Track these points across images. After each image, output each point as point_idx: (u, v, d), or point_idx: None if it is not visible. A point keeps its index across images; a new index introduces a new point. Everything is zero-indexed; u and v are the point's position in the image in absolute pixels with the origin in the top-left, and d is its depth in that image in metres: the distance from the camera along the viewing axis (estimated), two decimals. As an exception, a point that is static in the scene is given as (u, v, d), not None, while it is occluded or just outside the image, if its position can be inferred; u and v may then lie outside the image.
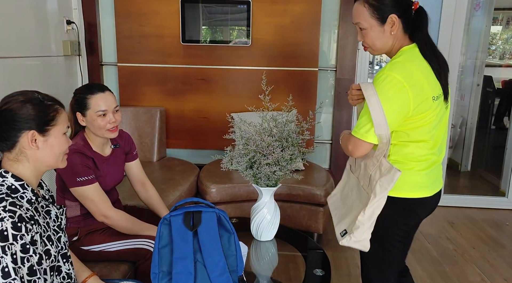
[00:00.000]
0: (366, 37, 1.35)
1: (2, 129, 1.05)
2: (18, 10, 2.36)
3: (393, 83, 1.22)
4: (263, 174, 1.73)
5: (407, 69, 1.25)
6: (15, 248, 0.95)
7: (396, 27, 1.30)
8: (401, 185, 1.33)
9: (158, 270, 1.18)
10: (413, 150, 1.33)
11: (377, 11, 1.30)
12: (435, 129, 1.34)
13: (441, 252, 2.64)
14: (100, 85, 1.69)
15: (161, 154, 3.08)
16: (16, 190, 1.04)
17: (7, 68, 2.25)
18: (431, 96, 1.28)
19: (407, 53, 1.31)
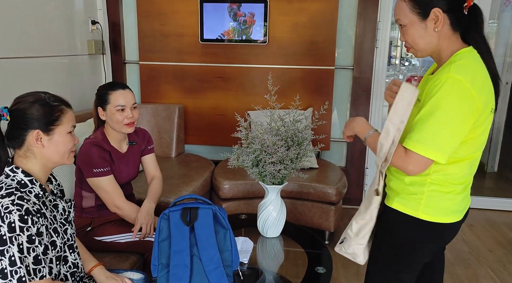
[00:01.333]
0: (407, 35, 1.20)
1: (12, 128, 1.14)
2: (46, 12, 2.50)
3: (460, 88, 1.07)
4: (268, 172, 1.78)
5: (474, 74, 1.10)
6: (21, 238, 1.03)
7: (440, 23, 1.14)
8: (437, 210, 1.20)
9: (157, 262, 1.25)
10: (456, 170, 1.18)
11: (418, 4, 1.16)
12: (482, 147, 1.21)
13: (456, 254, 2.60)
14: (122, 83, 1.81)
15: (179, 149, 3.17)
16: (25, 184, 1.12)
17: (36, 67, 2.40)
18: (490, 108, 1.15)
19: (467, 55, 1.15)
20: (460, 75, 1.07)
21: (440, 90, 1.07)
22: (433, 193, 1.20)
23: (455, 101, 1.07)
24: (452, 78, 1.07)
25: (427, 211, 1.20)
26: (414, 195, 1.21)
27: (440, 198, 1.19)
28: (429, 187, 1.20)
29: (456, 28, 1.16)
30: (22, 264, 1.03)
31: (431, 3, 1.14)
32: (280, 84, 3.03)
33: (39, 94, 1.17)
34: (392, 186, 1.28)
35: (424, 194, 1.20)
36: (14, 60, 2.25)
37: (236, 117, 1.93)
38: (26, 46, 2.34)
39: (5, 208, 1.03)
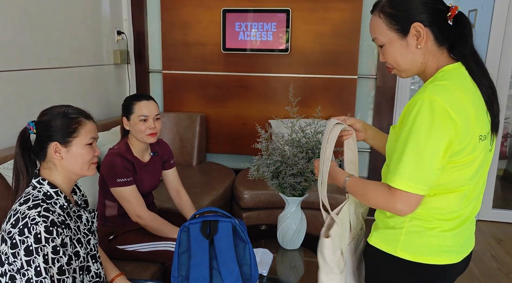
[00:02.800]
0: (387, 54, 1.07)
1: (36, 140, 1.18)
2: (76, 24, 2.59)
3: (435, 109, 0.93)
4: (288, 184, 1.76)
5: (453, 96, 0.95)
6: (46, 249, 1.05)
7: (423, 39, 1.00)
8: (419, 248, 1.04)
9: (177, 274, 1.26)
10: (441, 203, 1.03)
11: (395, 20, 1.02)
12: (474, 178, 1.04)
13: (484, 271, 2.50)
14: (147, 95, 1.86)
15: (200, 158, 3.20)
16: (50, 196, 1.16)
17: (64, 77, 2.48)
18: (478, 135, 0.99)
19: (451, 74, 1.00)
20: (436, 95, 0.93)
21: (413, 114, 0.94)
22: (414, 228, 1.05)
23: (429, 123, 0.93)
24: (427, 99, 0.93)
25: (407, 249, 1.04)
26: (393, 230, 1.07)
27: (422, 234, 1.04)
28: (410, 222, 1.05)
29: (442, 42, 1.03)
30: (47, 274, 1.05)
31: (410, 17, 1.01)
32: (301, 93, 3.02)
33: (60, 107, 1.21)
34: (375, 217, 1.16)
35: (404, 229, 1.05)
36: (48, 70, 2.34)
37: (256, 128, 1.93)
38: (58, 57, 2.42)
39: (32, 219, 1.06)
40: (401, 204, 0.97)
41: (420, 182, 0.95)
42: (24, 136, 1.19)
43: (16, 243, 1.04)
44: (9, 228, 1.07)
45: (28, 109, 2.20)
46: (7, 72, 2.05)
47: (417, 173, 0.95)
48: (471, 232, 1.13)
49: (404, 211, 0.98)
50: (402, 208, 0.97)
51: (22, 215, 1.07)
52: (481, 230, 3.03)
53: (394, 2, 1.03)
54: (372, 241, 1.12)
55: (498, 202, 3.32)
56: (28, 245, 1.04)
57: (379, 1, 1.08)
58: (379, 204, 1.03)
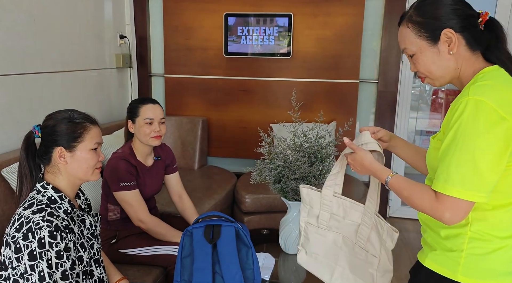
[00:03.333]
0: (418, 64, 1.04)
1: (41, 144, 1.19)
2: (79, 28, 2.60)
3: (485, 110, 0.89)
4: (290, 188, 1.77)
5: (499, 94, 0.92)
6: (50, 254, 1.05)
7: (455, 45, 0.99)
8: (482, 271, 0.98)
9: (180, 278, 1.26)
10: (502, 218, 0.96)
11: (425, 28, 1.01)
12: None
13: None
14: (152, 99, 1.88)
15: (202, 162, 3.20)
16: (55, 200, 1.16)
17: (67, 81, 2.49)
18: None
19: (493, 74, 0.98)
20: (481, 96, 0.90)
21: (461, 117, 0.91)
22: (475, 250, 0.98)
23: (481, 126, 0.89)
24: (472, 100, 0.90)
25: (468, 273, 0.97)
26: (451, 252, 1.00)
27: (485, 257, 0.97)
28: (470, 243, 0.98)
29: (475, 47, 1.01)
30: (51, 279, 1.05)
31: (439, 24, 0.99)
32: (303, 97, 3.03)
33: (66, 112, 1.22)
34: (427, 239, 1.10)
35: (464, 251, 0.98)
36: (51, 74, 2.35)
37: (259, 132, 1.93)
38: (61, 61, 2.43)
39: (36, 223, 1.06)
40: (450, 212, 0.91)
41: (472, 187, 0.90)
42: (29, 140, 1.19)
43: (20, 247, 1.05)
44: (13, 232, 1.07)
45: (31, 113, 2.21)
46: (11, 76, 2.06)
47: (469, 177, 0.89)
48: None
49: (452, 220, 0.92)
50: (450, 216, 0.91)
51: (26, 220, 1.07)
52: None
53: (422, 10, 1.02)
54: (427, 263, 1.06)
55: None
56: (32, 249, 1.04)
57: (406, 12, 1.07)
58: (425, 209, 0.97)
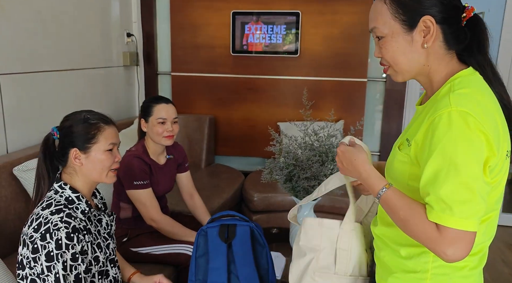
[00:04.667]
0: (385, 49, 0.89)
1: (59, 145, 1.18)
2: (87, 26, 2.60)
3: (471, 125, 0.77)
4: (301, 187, 1.76)
5: (480, 105, 0.80)
6: (66, 256, 1.05)
7: (431, 37, 0.85)
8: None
9: (194, 278, 1.26)
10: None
11: (404, 9, 0.86)
12: (499, 203, 0.89)
13: (495, 276, 2.49)
14: (166, 98, 1.86)
15: (209, 160, 3.20)
16: (72, 201, 1.15)
17: (74, 79, 2.49)
18: (506, 150, 0.84)
19: (469, 80, 0.85)
20: (465, 107, 0.78)
21: (448, 132, 0.77)
22: (441, 269, 0.87)
23: (465, 141, 0.77)
24: (456, 112, 0.77)
25: None
26: (414, 274, 0.88)
27: (452, 276, 0.86)
28: (435, 262, 0.87)
29: (451, 45, 0.87)
30: (65, 282, 1.05)
31: (420, 8, 0.84)
32: (311, 96, 2.98)
33: (81, 113, 1.21)
34: (383, 258, 0.96)
35: (429, 272, 0.87)
36: (60, 72, 2.35)
37: (269, 131, 1.92)
38: (69, 60, 2.43)
39: (54, 224, 1.06)
40: (454, 248, 0.76)
41: (474, 214, 0.76)
42: (47, 142, 1.19)
43: (37, 247, 1.04)
44: (31, 232, 1.07)
45: (41, 112, 2.21)
46: (22, 74, 2.06)
47: (468, 203, 0.76)
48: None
49: (457, 256, 0.77)
50: (454, 252, 0.76)
51: (45, 220, 1.07)
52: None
53: None
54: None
55: (507, 206, 3.30)
56: (49, 250, 1.04)
57: None
58: (423, 240, 0.81)
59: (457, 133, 0.77)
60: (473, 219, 0.76)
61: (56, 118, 2.29)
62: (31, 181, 1.78)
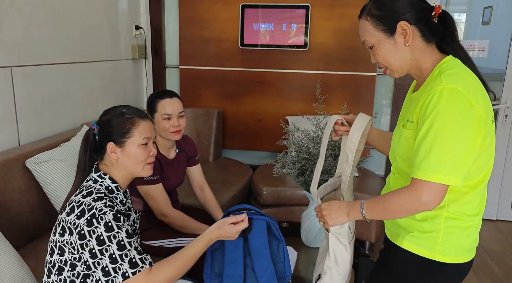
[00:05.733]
0: (377, 55, 1.09)
1: (98, 139, 1.20)
2: (96, 19, 2.58)
3: (459, 98, 0.95)
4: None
5: (467, 81, 0.99)
6: (120, 235, 1.07)
7: (410, 37, 1.04)
8: (457, 249, 1.06)
9: (210, 271, 1.26)
10: (473, 197, 1.05)
11: (382, 21, 1.06)
12: (490, 162, 1.06)
13: (506, 271, 2.48)
14: (170, 91, 1.83)
15: (217, 154, 3.20)
16: (112, 190, 1.18)
17: (83, 72, 2.48)
18: (491, 117, 1.03)
19: (454, 63, 1.04)
20: (454, 84, 0.96)
21: (438, 105, 0.95)
22: (450, 229, 1.05)
23: (458, 114, 0.94)
24: (447, 89, 0.95)
25: (445, 251, 1.05)
26: (429, 233, 1.06)
27: (460, 235, 1.05)
28: (446, 223, 1.04)
29: (430, 38, 1.06)
30: (124, 260, 1.06)
31: (396, 16, 1.04)
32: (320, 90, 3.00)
33: (118, 108, 1.23)
34: (400, 222, 1.13)
35: (441, 232, 1.05)
36: (69, 65, 2.34)
37: (281, 124, 1.91)
38: (78, 52, 2.42)
39: (99, 210, 1.07)
40: (426, 196, 0.95)
41: (451, 172, 0.94)
42: (88, 136, 1.21)
43: (84, 234, 1.05)
44: (73, 219, 1.07)
45: (51, 105, 2.21)
46: (33, 66, 2.06)
47: (447, 163, 0.94)
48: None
49: (430, 204, 0.97)
50: (426, 199, 0.96)
51: (88, 207, 1.07)
52: (500, 230, 3.00)
53: (380, 3, 1.07)
54: (405, 245, 1.10)
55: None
56: (99, 234, 1.05)
57: (366, 5, 1.11)
58: (403, 204, 1.01)
59: (447, 105, 0.94)
60: (450, 175, 0.94)
61: (66, 111, 2.32)
62: (43, 174, 1.79)
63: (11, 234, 1.55)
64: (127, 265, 1.06)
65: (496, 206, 3.14)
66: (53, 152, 1.86)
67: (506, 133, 3.03)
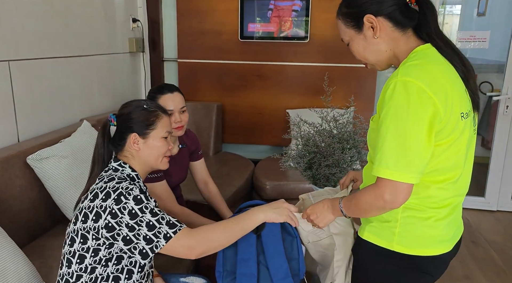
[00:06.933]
0: (354, 51, 1.09)
1: (117, 131, 1.21)
2: (92, 12, 2.52)
3: (412, 91, 0.90)
4: (322, 175, 1.73)
5: (427, 73, 0.94)
6: (151, 205, 1.09)
7: (378, 29, 1.01)
8: (415, 240, 1.02)
9: (222, 269, 1.23)
10: (435, 192, 1.00)
11: (350, 17, 1.05)
12: (464, 161, 1.02)
13: (508, 262, 2.49)
14: (171, 85, 1.77)
15: (217, 148, 3.16)
16: (133, 178, 1.19)
17: (80, 65, 2.42)
18: (459, 112, 0.96)
19: (424, 53, 1.00)
20: (409, 76, 0.92)
21: (391, 100, 0.92)
22: (408, 219, 1.02)
23: (406, 105, 0.90)
24: (400, 81, 0.92)
25: (403, 242, 1.02)
26: (387, 223, 1.04)
27: (418, 226, 1.01)
28: (404, 213, 1.02)
29: (405, 25, 1.02)
30: (161, 223, 1.08)
31: (360, 11, 1.02)
32: (320, 82, 2.97)
33: (140, 101, 1.27)
34: None
35: (398, 221, 1.02)
36: (66, 59, 2.28)
37: (286, 117, 1.88)
38: (76, 46, 2.36)
39: (126, 188, 1.09)
40: (389, 194, 0.93)
41: (407, 169, 0.91)
42: (105, 128, 1.22)
43: (115, 212, 1.06)
44: (99, 203, 1.08)
45: (50, 99, 2.15)
46: (31, 60, 2.00)
47: (402, 159, 0.91)
48: (460, 217, 1.13)
49: (394, 201, 0.94)
50: (390, 198, 0.93)
51: (113, 189, 1.09)
52: (501, 221, 3.02)
53: (348, 1, 1.07)
54: (365, 236, 1.08)
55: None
56: (130, 209, 1.06)
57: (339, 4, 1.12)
58: (370, 202, 0.98)
59: (398, 99, 0.91)
60: (404, 172, 0.91)
61: (65, 106, 2.26)
62: (45, 170, 1.74)
63: (13, 232, 1.51)
64: (166, 227, 1.08)
65: (496, 196, 3.15)
66: (54, 148, 1.82)
67: (507, 124, 3.03)
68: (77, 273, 1.11)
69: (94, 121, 2.23)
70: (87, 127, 2.10)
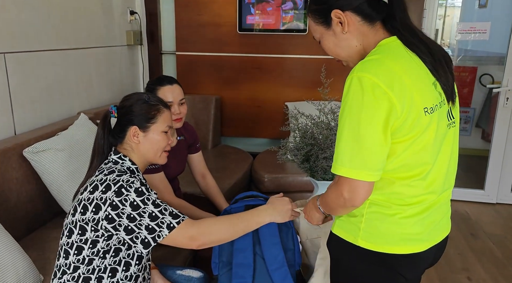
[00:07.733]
0: (326, 48, 1.06)
1: (117, 123, 1.21)
2: (87, 4, 2.50)
3: (366, 86, 0.88)
4: (319, 167, 1.72)
5: (384, 68, 0.90)
6: (152, 197, 1.10)
7: (346, 24, 0.98)
8: (380, 236, 0.98)
9: (218, 259, 1.23)
10: (400, 188, 0.96)
11: (319, 14, 1.03)
12: (434, 157, 0.97)
13: (507, 254, 2.49)
14: (170, 78, 1.77)
15: (215, 141, 3.15)
16: (133, 171, 1.19)
17: (78, 58, 2.41)
18: (422, 107, 0.92)
19: (386, 47, 0.97)
20: (364, 72, 0.89)
21: (346, 96, 0.90)
22: (373, 215, 0.99)
23: (360, 102, 0.88)
24: (356, 77, 0.89)
25: (368, 238, 0.98)
26: (354, 218, 1.02)
27: (383, 222, 0.98)
28: (369, 208, 0.99)
29: (374, 18, 0.99)
30: (164, 214, 1.08)
31: (327, 7, 1.00)
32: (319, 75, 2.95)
33: (141, 94, 1.26)
34: None
35: (364, 216, 1.00)
36: (63, 51, 2.27)
37: (284, 110, 1.87)
38: (73, 38, 2.35)
39: (126, 180, 1.10)
40: (347, 192, 0.91)
41: (363, 166, 0.88)
42: (106, 119, 1.22)
43: (116, 204, 1.06)
44: (99, 195, 1.08)
45: (47, 92, 2.14)
46: (27, 53, 1.99)
47: (357, 156, 0.89)
48: (443, 217, 1.06)
49: (353, 199, 0.92)
50: (349, 196, 0.92)
51: (113, 181, 1.09)
52: (501, 214, 3.02)
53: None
54: (334, 230, 1.07)
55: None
56: (131, 201, 1.07)
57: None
58: (333, 199, 0.98)
59: (353, 96, 0.89)
60: (361, 169, 0.89)
61: (62, 98, 2.25)
62: (42, 163, 1.74)
63: (10, 225, 1.51)
64: (169, 217, 1.09)
65: (496, 189, 3.15)
66: (51, 141, 1.81)
67: (507, 116, 3.01)
68: (74, 264, 1.11)
69: (91, 114, 2.22)
70: (84, 120, 2.10)
